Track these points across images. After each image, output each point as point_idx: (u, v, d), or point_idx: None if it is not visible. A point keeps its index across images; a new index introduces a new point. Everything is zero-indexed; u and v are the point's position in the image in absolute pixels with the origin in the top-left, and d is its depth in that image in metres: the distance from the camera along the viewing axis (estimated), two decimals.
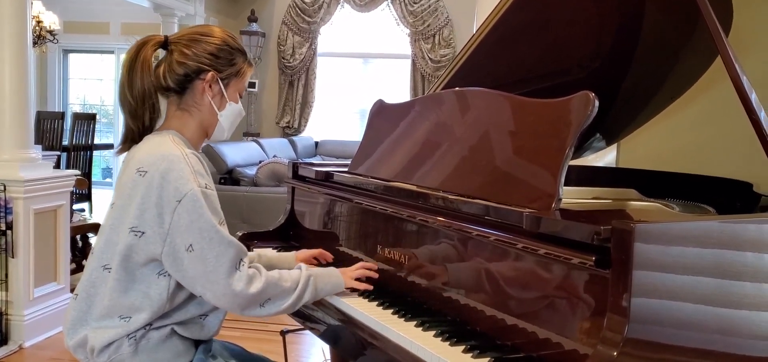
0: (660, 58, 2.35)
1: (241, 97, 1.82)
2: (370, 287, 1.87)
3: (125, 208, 1.62)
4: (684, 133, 2.64)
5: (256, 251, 2.06)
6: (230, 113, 1.79)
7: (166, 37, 1.75)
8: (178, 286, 1.65)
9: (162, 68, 1.72)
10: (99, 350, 1.62)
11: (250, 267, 1.66)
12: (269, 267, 1.77)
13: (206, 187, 1.63)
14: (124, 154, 1.76)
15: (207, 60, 1.72)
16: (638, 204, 2.07)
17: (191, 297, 1.69)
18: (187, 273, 1.60)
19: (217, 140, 1.88)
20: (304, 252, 2.10)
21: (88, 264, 1.70)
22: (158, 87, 1.71)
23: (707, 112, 2.53)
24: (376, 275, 1.90)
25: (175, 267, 1.60)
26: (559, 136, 1.57)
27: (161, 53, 1.75)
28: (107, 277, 1.64)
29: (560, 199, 1.51)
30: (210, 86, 1.73)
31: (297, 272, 1.77)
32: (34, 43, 6.64)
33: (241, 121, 1.89)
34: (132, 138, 1.74)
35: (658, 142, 2.71)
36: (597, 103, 1.53)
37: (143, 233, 1.59)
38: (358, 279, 1.87)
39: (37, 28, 7.09)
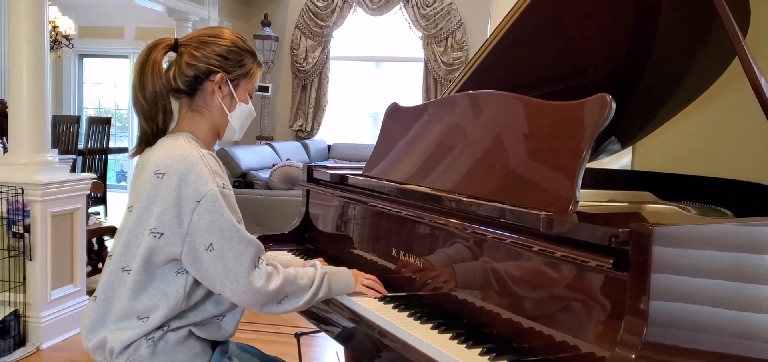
0: (676, 60, 2.34)
1: (251, 97, 1.84)
2: (378, 294, 1.88)
3: (145, 211, 1.63)
4: (700, 136, 2.63)
5: (270, 253, 2.07)
6: (241, 114, 1.81)
7: (176, 39, 1.77)
8: (195, 284, 1.67)
9: (172, 70, 1.74)
10: (118, 351, 1.64)
11: (267, 264, 1.68)
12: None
13: (224, 187, 1.65)
14: (138, 157, 1.78)
15: (216, 61, 1.74)
16: (654, 207, 2.06)
17: (208, 296, 1.71)
18: (207, 272, 1.62)
19: (228, 141, 1.90)
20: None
21: (106, 267, 1.72)
22: (169, 89, 1.73)
23: (724, 114, 2.51)
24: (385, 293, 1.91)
25: (194, 266, 1.62)
26: (576, 139, 1.57)
27: (172, 55, 1.77)
28: (126, 279, 1.65)
29: (577, 202, 1.50)
30: (219, 87, 1.75)
31: (312, 270, 1.79)
32: (50, 48, 6.69)
33: (253, 123, 1.90)
34: (146, 140, 1.76)
35: (674, 145, 2.70)
36: (614, 105, 1.53)
37: (162, 234, 1.61)
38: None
39: (52, 33, 7.17)
